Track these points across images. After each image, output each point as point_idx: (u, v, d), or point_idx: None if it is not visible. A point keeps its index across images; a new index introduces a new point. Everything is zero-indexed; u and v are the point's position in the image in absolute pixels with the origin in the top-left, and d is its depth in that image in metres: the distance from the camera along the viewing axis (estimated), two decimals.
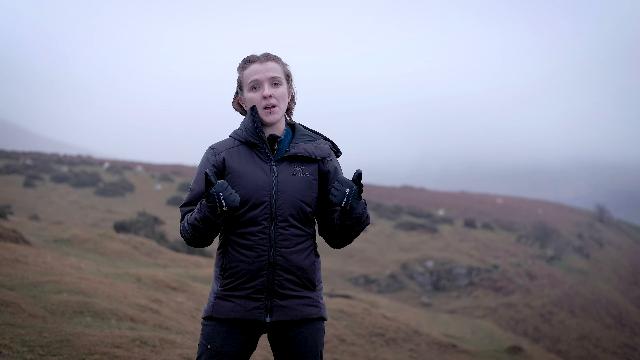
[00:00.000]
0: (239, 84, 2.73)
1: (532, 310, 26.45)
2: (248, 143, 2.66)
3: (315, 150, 2.69)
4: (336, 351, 8.68)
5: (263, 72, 2.65)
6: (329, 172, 2.70)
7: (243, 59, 2.71)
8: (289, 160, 2.66)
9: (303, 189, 2.63)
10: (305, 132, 2.76)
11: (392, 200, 48.20)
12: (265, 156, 2.65)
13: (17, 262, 7.91)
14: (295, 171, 2.64)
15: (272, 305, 2.59)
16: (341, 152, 2.82)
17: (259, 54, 2.71)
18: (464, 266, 29.56)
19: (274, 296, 2.59)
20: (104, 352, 4.75)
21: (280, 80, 2.67)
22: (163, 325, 6.43)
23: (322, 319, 2.70)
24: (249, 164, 2.63)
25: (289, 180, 2.62)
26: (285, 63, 2.74)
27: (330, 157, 2.73)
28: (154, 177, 42.40)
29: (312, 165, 2.68)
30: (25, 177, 34.82)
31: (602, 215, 56.50)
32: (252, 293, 2.58)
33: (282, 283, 2.60)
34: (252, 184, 2.59)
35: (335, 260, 28.98)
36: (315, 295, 2.68)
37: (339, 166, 2.77)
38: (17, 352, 4.45)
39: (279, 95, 2.65)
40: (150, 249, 13.41)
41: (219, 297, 2.63)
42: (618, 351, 24.73)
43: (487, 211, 49.17)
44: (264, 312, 2.59)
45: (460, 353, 10.87)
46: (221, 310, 2.61)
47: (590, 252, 40.50)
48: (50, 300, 6.13)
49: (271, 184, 2.60)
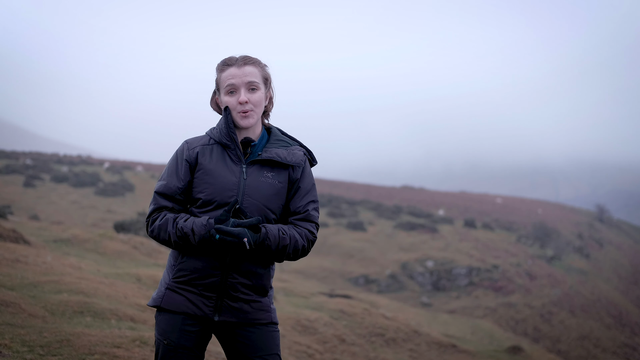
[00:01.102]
0: (217, 85, 2.71)
1: (532, 310, 26.44)
2: (221, 143, 2.66)
3: (288, 156, 2.66)
4: (336, 351, 8.68)
5: (240, 76, 2.63)
6: (297, 181, 2.68)
7: (221, 61, 2.69)
8: (260, 164, 2.64)
9: (270, 195, 2.62)
10: (281, 138, 2.74)
11: (392, 200, 48.20)
12: (237, 158, 2.64)
13: (17, 262, 7.92)
14: (264, 176, 2.63)
15: (222, 305, 2.59)
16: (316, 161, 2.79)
17: (238, 56, 2.68)
18: (464, 266, 29.55)
19: (226, 297, 2.59)
20: (104, 352, 4.75)
21: (258, 85, 2.65)
22: None
23: (273, 323, 2.69)
24: (220, 163, 2.63)
25: (256, 184, 2.61)
26: (265, 65, 2.71)
27: (301, 165, 2.69)
28: (154, 177, 42.41)
29: (283, 171, 2.66)
30: (25, 177, 34.81)
31: (602, 215, 56.52)
32: (204, 290, 2.59)
33: (235, 285, 2.59)
34: (219, 184, 2.59)
35: (335, 260, 28.97)
36: (266, 301, 2.68)
37: (310, 176, 2.73)
38: (17, 352, 4.45)
39: (255, 100, 2.64)
40: (150, 249, 13.41)
41: (170, 288, 2.62)
42: (618, 351, 24.72)
43: (487, 211, 49.17)
44: (213, 311, 2.59)
45: (460, 353, 10.87)
46: (171, 302, 2.61)
47: (590, 252, 40.49)
48: (50, 300, 6.14)
49: (238, 186, 2.59)
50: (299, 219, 2.67)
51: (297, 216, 2.67)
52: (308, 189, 2.71)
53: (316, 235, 2.69)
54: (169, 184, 2.64)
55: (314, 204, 2.71)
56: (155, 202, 2.64)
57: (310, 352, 8.14)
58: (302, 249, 2.63)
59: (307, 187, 2.71)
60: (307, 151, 2.78)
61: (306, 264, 26.48)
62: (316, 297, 12.37)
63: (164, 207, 2.64)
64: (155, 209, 2.64)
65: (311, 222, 2.68)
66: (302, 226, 2.66)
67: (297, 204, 2.68)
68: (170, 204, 2.64)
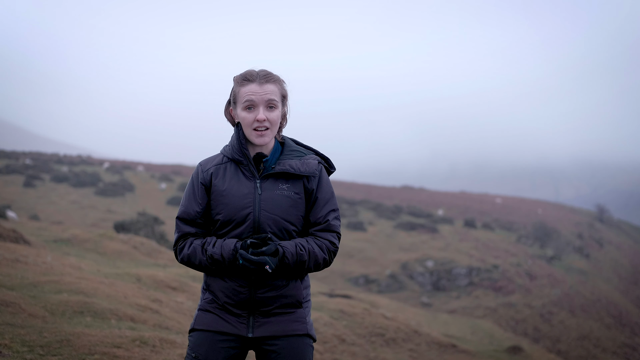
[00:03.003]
0: (234, 97, 2.67)
1: (532, 310, 26.44)
2: (234, 160, 2.64)
3: (302, 166, 2.63)
4: (336, 351, 8.67)
5: (261, 94, 2.59)
6: (314, 191, 2.64)
7: (242, 74, 2.64)
8: (275, 178, 2.62)
9: (287, 208, 2.59)
10: (295, 148, 2.71)
11: (392, 200, 48.20)
12: (250, 173, 2.62)
13: (17, 262, 7.92)
14: (279, 189, 2.60)
15: (255, 321, 2.58)
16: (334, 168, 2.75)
17: (259, 71, 2.64)
18: (464, 266, 29.54)
19: (257, 312, 2.58)
20: (104, 352, 4.75)
21: (276, 103, 2.62)
22: (163, 325, 6.44)
23: (309, 336, 2.64)
24: (234, 181, 2.61)
25: (272, 198, 2.58)
26: (284, 81, 2.68)
27: (316, 174, 2.65)
28: (154, 177, 42.40)
29: (298, 182, 2.63)
30: (25, 177, 34.81)
31: (602, 215, 56.52)
32: (234, 307, 2.58)
33: (264, 300, 2.58)
34: (235, 201, 2.58)
35: (335, 260, 28.96)
36: (301, 312, 2.65)
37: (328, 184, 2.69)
38: (17, 352, 4.45)
39: (273, 119, 2.61)
40: (150, 249, 13.41)
41: (202, 309, 2.65)
42: (618, 351, 24.71)
43: (487, 211, 49.16)
44: (246, 327, 2.58)
45: (460, 353, 10.87)
46: (203, 322, 2.61)
47: (590, 252, 40.49)
48: (50, 300, 6.13)
49: (254, 202, 2.57)
50: (320, 229, 2.64)
51: (317, 227, 2.64)
52: (327, 198, 2.67)
53: (337, 246, 2.65)
54: (188, 209, 2.64)
55: (335, 212, 2.67)
56: (179, 230, 2.65)
57: None
58: (323, 262, 2.60)
59: (327, 197, 2.66)
60: (323, 159, 2.74)
61: None
62: (316, 297, 12.36)
63: (188, 233, 2.65)
64: (180, 236, 2.65)
65: (332, 232, 2.65)
66: (323, 237, 2.63)
67: (317, 214, 2.64)
68: (193, 229, 2.64)
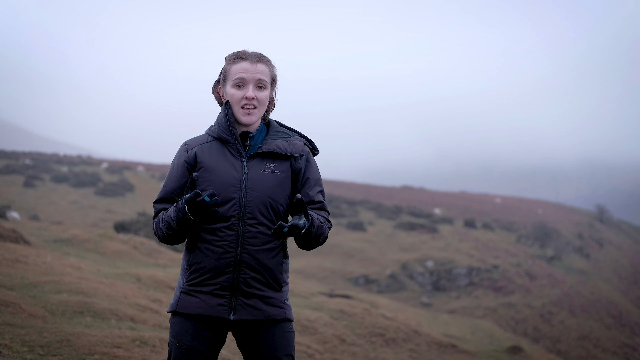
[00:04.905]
0: (224, 75, 2.70)
1: (532, 310, 26.44)
2: (220, 139, 2.65)
3: (288, 146, 2.66)
4: (336, 351, 8.68)
5: (252, 72, 2.63)
6: (301, 170, 2.68)
7: (234, 53, 2.68)
8: (261, 157, 2.64)
9: (274, 187, 2.61)
10: (280, 129, 2.74)
11: (392, 200, 48.19)
12: (237, 152, 2.63)
13: (17, 262, 7.92)
14: (266, 168, 2.62)
15: (237, 303, 2.58)
16: (318, 151, 2.79)
17: (251, 52, 2.68)
18: (464, 266, 29.54)
19: (239, 294, 2.59)
20: (104, 352, 4.75)
21: (266, 84, 2.66)
22: (163, 325, 6.44)
23: (288, 320, 2.68)
24: (220, 159, 2.62)
25: (259, 177, 2.61)
26: (274, 66, 2.72)
27: (303, 154, 2.69)
28: (154, 177, 42.40)
29: (285, 162, 2.66)
30: (25, 177, 34.80)
31: (602, 215, 56.49)
32: (217, 289, 2.58)
33: (248, 281, 2.59)
34: (221, 180, 2.59)
35: (335, 260, 28.96)
36: (281, 296, 2.68)
37: (314, 164, 2.73)
38: (17, 352, 4.45)
39: (261, 98, 2.64)
40: (150, 249, 13.41)
41: (184, 291, 2.63)
42: (618, 351, 24.72)
43: (487, 211, 49.16)
44: (227, 310, 2.58)
45: (460, 353, 10.87)
46: (186, 305, 2.60)
47: (590, 252, 40.48)
48: (50, 300, 6.14)
49: (241, 181, 2.59)
50: (317, 208, 2.68)
51: (313, 205, 2.68)
52: (317, 178, 2.72)
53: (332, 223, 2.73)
54: (166, 187, 2.66)
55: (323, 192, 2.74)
56: (155, 208, 2.67)
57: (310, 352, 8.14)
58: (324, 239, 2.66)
59: (316, 177, 2.72)
60: (307, 141, 2.77)
61: (306, 264, 26.48)
62: (316, 297, 12.37)
63: (162, 209, 2.65)
64: (156, 213, 2.67)
65: (326, 211, 2.71)
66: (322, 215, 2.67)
67: (311, 194, 2.68)
68: (168, 205, 2.65)
